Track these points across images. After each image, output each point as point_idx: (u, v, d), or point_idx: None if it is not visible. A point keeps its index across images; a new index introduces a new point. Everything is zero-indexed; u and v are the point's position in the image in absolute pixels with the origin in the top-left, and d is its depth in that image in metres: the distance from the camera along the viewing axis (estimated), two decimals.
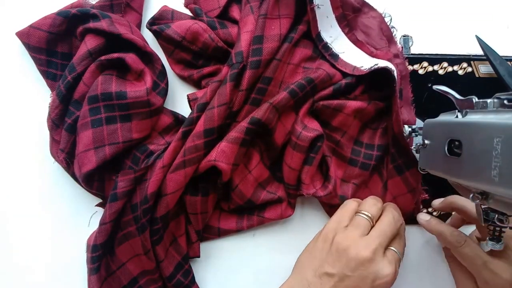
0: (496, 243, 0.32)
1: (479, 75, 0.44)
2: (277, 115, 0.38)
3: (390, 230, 0.36)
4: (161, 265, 0.39)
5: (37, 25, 0.38)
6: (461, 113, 0.31)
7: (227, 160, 0.37)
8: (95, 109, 0.37)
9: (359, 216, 0.37)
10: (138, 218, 0.37)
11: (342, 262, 0.34)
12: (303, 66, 0.41)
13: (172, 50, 0.41)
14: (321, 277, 0.34)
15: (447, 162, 0.30)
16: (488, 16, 0.45)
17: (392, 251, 0.36)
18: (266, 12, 0.38)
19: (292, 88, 0.38)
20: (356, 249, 0.34)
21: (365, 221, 0.36)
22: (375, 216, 0.37)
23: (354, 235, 0.35)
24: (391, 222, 0.36)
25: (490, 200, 0.26)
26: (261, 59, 0.37)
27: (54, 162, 0.40)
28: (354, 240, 0.34)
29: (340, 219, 0.37)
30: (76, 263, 0.41)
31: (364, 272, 0.33)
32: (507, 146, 0.23)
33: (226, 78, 0.37)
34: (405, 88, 0.42)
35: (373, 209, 0.37)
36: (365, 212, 0.37)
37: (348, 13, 0.42)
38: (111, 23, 0.37)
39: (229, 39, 0.40)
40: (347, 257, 0.34)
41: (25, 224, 0.41)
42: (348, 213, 0.37)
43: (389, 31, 0.43)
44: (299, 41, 0.41)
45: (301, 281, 0.35)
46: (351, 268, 0.33)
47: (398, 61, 0.41)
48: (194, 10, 0.41)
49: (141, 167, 0.38)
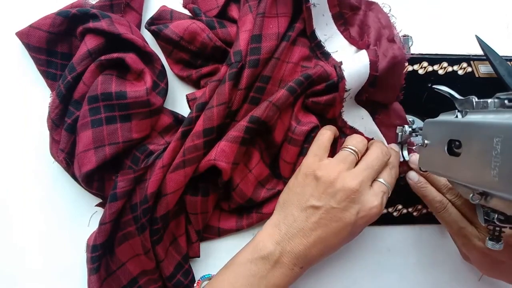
0: (496, 243, 0.32)
1: (479, 75, 0.44)
2: (278, 113, 0.38)
3: (377, 163, 0.36)
4: (161, 265, 0.39)
5: (37, 25, 0.38)
6: (461, 113, 0.31)
7: (227, 159, 0.37)
8: (95, 109, 0.37)
9: (345, 150, 0.37)
10: (138, 218, 0.37)
11: (328, 194, 0.34)
12: (301, 64, 0.41)
13: (170, 50, 0.41)
14: (306, 210, 0.35)
15: (447, 162, 0.30)
16: (488, 16, 0.45)
17: (379, 182, 0.36)
18: (264, 10, 0.38)
19: (290, 85, 0.38)
20: (342, 181, 0.34)
21: (351, 155, 0.36)
22: (361, 151, 0.37)
23: (340, 169, 0.35)
24: (378, 155, 0.36)
25: (490, 200, 0.26)
26: (259, 58, 0.37)
27: (54, 162, 0.40)
28: (340, 172, 0.35)
29: (316, 152, 0.37)
30: (76, 263, 0.41)
31: (350, 204, 0.34)
32: (507, 146, 0.23)
33: (225, 77, 0.37)
34: (396, 74, 0.40)
35: (359, 145, 0.37)
36: (351, 146, 0.37)
37: (346, 11, 0.42)
38: (111, 23, 0.37)
39: (228, 38, 0.40)
40: (333, 189, 0.34)
41: (25, 224, 0.41)
42: (323, 144, 0.38)
43: (387, 17, 0.42)
44: (297, 40, 0.41)
45: (285, 217, 0.36)
46: (337, 200, 0.34)
47: (395, 46, 0.40)
48: (193, 10, 0.41)
49: (141, 167, 0.38)
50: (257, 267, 0.34)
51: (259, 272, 0.34)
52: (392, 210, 0.44)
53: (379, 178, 0.36)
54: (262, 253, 0.34)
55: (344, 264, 0.44)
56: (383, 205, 0.35)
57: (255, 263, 0.34)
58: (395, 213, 0.44)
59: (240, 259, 0.35)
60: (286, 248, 0.34)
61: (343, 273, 0.44)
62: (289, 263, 0.34)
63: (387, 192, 0.36)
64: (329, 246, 0.34)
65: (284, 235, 0.35)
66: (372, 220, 0.35)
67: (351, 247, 0.44)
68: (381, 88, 0.39)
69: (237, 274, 0.34)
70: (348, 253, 0.44)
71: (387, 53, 0.38)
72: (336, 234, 0.34)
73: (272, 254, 0.34)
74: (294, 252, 0.34)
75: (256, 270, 0.34)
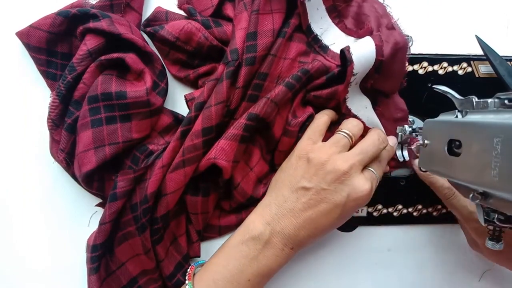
0: (496, 243, 0.32)
1: (479, 75, 0.44)
2: (276, 109, 0.38)
3: (372, 149, 0.36)
4: (161, 264, 0.39)
5: (37, 25, 0.38)
6: (461, 113, 0.31)
7: (227, 158, 0.37)
8: (95, 109, 0.37)
9: (338, 133, 0.37)
10: (137, 218, 0.37)
11: (318, 176, 0.34)
12: (299, 60, 0.41)
13: (167, 51, 0.41)
14: (297, 191, 0.35)
15: (447, 162, 0.30)
16: (488, 16, 0.45)
17: (370, 171, 0.36)
18: (258, 7, 0.38)
19: (288, 81, 0.38)
20: (333, 163, 0.34)
21: (344, 139, 0.37)
22: (355, 135, 0.37)
23: (332, 151, 0.35)
24: (374, 141, 0.36)
25: (490, 200, 0.26)
26: (256, 55, 0.37)
27: (54, 162, 0.40)
28: (331, 155, 0.35)
29: (310, 135, 0.38)
30: (76, 263, 0.41)
31: (340, 185, 0.34)
32: (507, 146, 0.23)
33: (222, 76, 0.37)
34: (399, 60, 0.40)
35: (354, 129, 0.37)
36: (345, 130, 0.37)
37: (339, 3, 0.42)
38: (111, 23, 0.37)
39: (224, 37, 0.40)
40: (324, 171, 0.34)
41: (25, 224, 0.41)
42: (319, 127, 0.38)
43: (383, 7, 0.42)
44: (293, 36, 0.41)
45: (276, 198, 0.36)
46: (327, 181, 0.34)
47: (395, 33, 0.39)
48: (188, 10, 0.41)
49: (141, 167, 0.38)
50: (248, 248, 0.35)
51: (250, 253, 0.34)
52: (392, 210, 0.44)
53: (370, 167, 0.37)
54: (252, 234, 0.35)
55: (344, 264, 0.44)
56: (373, 190, 0.35)
57: (246, 244, 0.35)
58: (395, 213, 0.44)
59: (232, 241, 0.36)
60: (276, 228, 0.35)
61: (343, 273, 0.44)
62: (279, 243, 0.34)
63: (377, 182, 0.36)
64: (318, 228, 0.35)
65: (275, 216, 0.35)
66: (362, 204, 0.35)
67: (352, 247, 0.44)
68: (385, 75, 0.39)
69: (229, 256, 0.35)
70: (348, 252, 0.44)
71: (389, 40, 0.38)
72: (325, 215, 0.34)
73: (262, 234, 0.35)
74: (284, 232, 0.34)
75: (247, 251, 0.35)
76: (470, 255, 0.45)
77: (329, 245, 0.44)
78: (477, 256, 0.45)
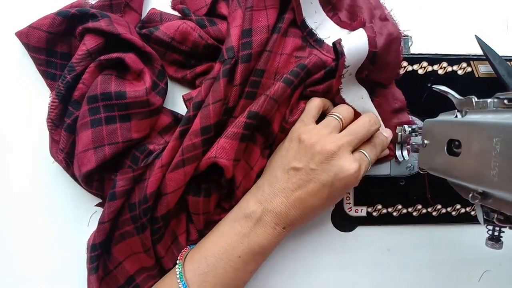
0: (496, 243, 0.32)
1: (478, 75, 0.44)
2: (276, 106, 0.38)
3: (361, 131, 0.37)
4: (161, 261, 0.39)
5: (37, 25, 0.38)
6: (460, 113, 0.31)
7: (228, 156, 0.37)
8: (95, 109, 0.37)
9: (330, 116, 0.38)
10: (136, 217, 0.37)
11: (308, 157, 0.35)
12: (295, 55, 0.41)
13: (163, 52, 0.40)
14: (289, 172, 0.36)
15: (446, 162, 0.30)
16: (488, 16, 0.45)
17: (361, 153, 0.37)
18: (252, 4, 0.38)
19: (286, 77, 0.38)
20: (323, 144, 0.35)
21: (335, 121, 0.38)
22: (346, 118, 0.38)
23: (322, 133, 0.36)
24: (364, 123, 0.37)
25: (490, 200, 0.27)
26: (251, 52, 0.37)
27: (54, 162, 0.40)
28: (321, 136, 0.36)
29: (303, 118, 0.39)
30: (76, 263, 0.41)
31: (327, 166, 0.35)
32: (507, 146, 0.23)
33: (219, 74, 0.37)
34: (393, 51, 0.40)
35: (344, 112, 0.38)
36: (336, 113, 0.38)
37: None
38: (110, 23, 0.37)
39: (219, 35, 0.40)
40: (313, 152, 0.35)
41: (24, 224, 0.41)
42: (311, 110, 0.39)
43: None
44: (289, 31, 0.41)
45: (269, 179, 0.37)
46: (316, 162, 0.35)
47: (388, 24, 0.40)
48: (182, 10, 0.41)
49: (140, 166, 0.38)
50: (240, 225, 0.36)
51: (242, 230, 0.35)
52: (392, 210, 0.44)
53: (362, 149, 0.37)
54: (245, 212, 0.36)
55: (344, 264, 0.44)
56: (361, 171, 0.35)
57: (238, 222, 0.36)
58: (394, 213, 0.44)
59: (225, 220, 0.38)
60: (268, 207, 0.36)
61: (343, 273, 0.44)
62: (271, 221, 0.35)
63: (367, 164, 0.37)
64: (308, 208, 0.35)
65: (267, 195, 0.36)
66: (350, 185, 0.35)
67: (351, 247, 0.44)
68: (380, 66, 0.39)
69: (221, 233, 0.37)
70: (348, 252, 0.44)
71: (383, 31, 0.38)
72: (314, 195, 0.35)
73: (254, 212, 0.36)
74: (275, 211, 0.35)
75: (239, 229, 0.36)
76: (470, 255, 0.45)
77: (329, 245, 0.44)
78: (477, 256, 0.45)
